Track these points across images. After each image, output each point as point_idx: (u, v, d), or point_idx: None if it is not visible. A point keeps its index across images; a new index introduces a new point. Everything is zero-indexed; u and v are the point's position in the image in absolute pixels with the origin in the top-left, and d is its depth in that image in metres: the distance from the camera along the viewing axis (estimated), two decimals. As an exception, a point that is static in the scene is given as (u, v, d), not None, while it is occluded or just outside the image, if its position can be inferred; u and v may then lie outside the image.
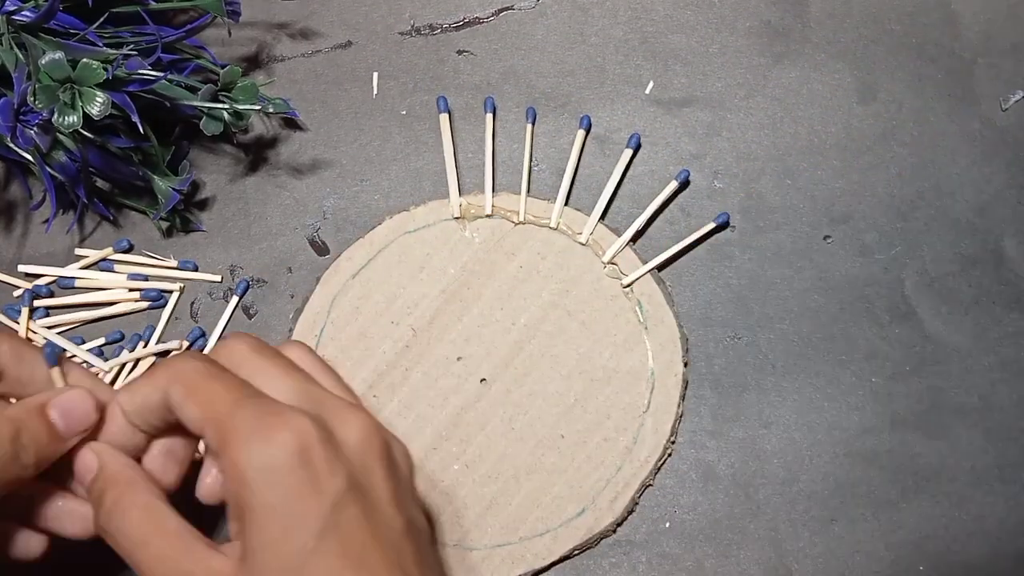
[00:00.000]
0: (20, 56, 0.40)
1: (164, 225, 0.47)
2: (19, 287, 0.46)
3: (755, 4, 0.50)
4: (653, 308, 0.44)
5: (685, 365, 0.44)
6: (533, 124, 0.48)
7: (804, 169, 0.47)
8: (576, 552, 0.42)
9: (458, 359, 0.44)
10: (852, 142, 0.47)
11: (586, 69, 0.49)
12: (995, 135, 0.47)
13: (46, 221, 0.47)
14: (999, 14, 0.49)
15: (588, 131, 0.47)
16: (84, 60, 0.39)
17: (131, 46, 0.42)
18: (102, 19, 0.42)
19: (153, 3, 0.44)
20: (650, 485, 0.43)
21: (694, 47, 0.49)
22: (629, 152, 0.47)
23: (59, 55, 0.38)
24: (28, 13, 0.40)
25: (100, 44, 0.42)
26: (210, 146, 0.48)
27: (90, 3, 0.42)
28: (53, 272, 0.46)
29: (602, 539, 0.42)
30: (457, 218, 0.46)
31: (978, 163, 0.47)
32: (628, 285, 0.45)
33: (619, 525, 0.42)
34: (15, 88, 0.39)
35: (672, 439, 0.43)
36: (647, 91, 0.49)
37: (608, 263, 0.45)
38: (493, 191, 0.46)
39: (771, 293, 0.45)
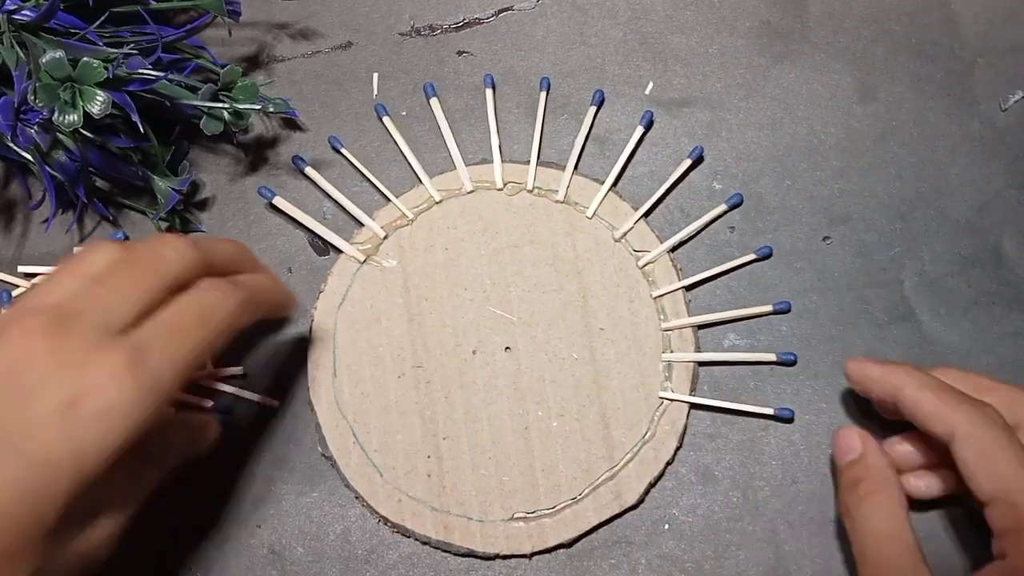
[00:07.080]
0: (21, 55, 0.40)
1: (164, 225, 0.47)
2: (19, 287, 0.46)
3: (755, 4, 0.50)
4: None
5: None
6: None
7: (803, 170, 0.47)
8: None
9: (473, 353, 0.45)
10: (851, 142, 0.47)
11: (586, 70, 0.49)
12: (995, 135, 0.47)
13: (46, 221, 0.47)
14: (999, 14, 0.49)
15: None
16: (84, 59, 0.39)
17: (131, 45, 0.43)
18: (102, 18, 0.42)
19: (153, 3, 0.44)
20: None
21: (694, 47, 0.49)
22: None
23: (60, 54, 0.38)
24: (28, 12, 0.41)
25: (100, 43, 0.42)
26: (210, 146, 0.49)
27: (90, 2, 0.42)
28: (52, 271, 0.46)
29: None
30: (364, 261, 0.46)
31: (977, 163, 0.47)
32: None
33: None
34: (15, 87, 0.39)
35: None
36: (647, 92, 0.49)
37: (506, 183, 0.47)
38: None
39: (769, 294, 0.45)
